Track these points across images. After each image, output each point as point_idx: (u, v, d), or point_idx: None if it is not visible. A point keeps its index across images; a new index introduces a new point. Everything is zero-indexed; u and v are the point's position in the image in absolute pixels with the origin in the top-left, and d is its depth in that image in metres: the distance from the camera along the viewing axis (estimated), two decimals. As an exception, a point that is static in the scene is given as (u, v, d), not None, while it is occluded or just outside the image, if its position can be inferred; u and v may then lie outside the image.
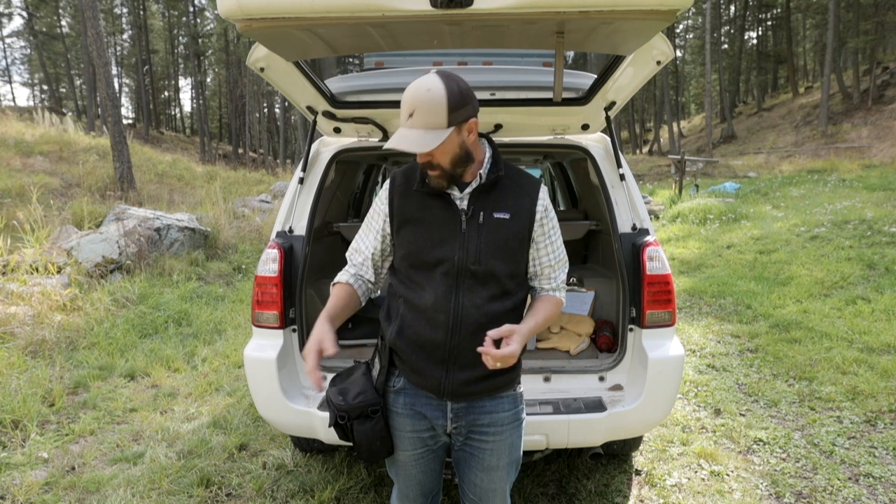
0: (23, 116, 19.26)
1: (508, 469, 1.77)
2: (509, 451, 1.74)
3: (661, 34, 2.02)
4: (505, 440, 1.72)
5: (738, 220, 11.52)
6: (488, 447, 1.72)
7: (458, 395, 1.65)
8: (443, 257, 1.61)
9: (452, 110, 1.49)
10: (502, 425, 1.71)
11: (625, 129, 52.16)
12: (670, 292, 2.61)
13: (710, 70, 35.14)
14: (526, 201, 1.66)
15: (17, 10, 50.23)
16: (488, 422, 1.70)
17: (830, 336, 5.14)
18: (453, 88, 1.49)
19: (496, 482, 1.76)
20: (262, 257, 2.71)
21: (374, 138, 3.12)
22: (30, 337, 4.95)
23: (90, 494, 3.00)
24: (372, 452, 1.69)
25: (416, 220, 1.65)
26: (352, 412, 1.65)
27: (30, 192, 7.76)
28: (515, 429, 1.75)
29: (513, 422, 1.73)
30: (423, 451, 1.75)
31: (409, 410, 1.71)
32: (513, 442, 1.75)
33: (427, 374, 1.64)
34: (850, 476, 3.08)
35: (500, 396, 1.71)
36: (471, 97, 1.54)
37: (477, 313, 1.61)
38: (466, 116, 1.53)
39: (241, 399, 4.14)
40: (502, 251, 1.62)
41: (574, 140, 3.09)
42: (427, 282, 1.63)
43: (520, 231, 1.65)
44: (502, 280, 1.63)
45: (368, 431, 1.66)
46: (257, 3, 1.57)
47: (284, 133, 42.08)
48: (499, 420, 1.71)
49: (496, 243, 1.62)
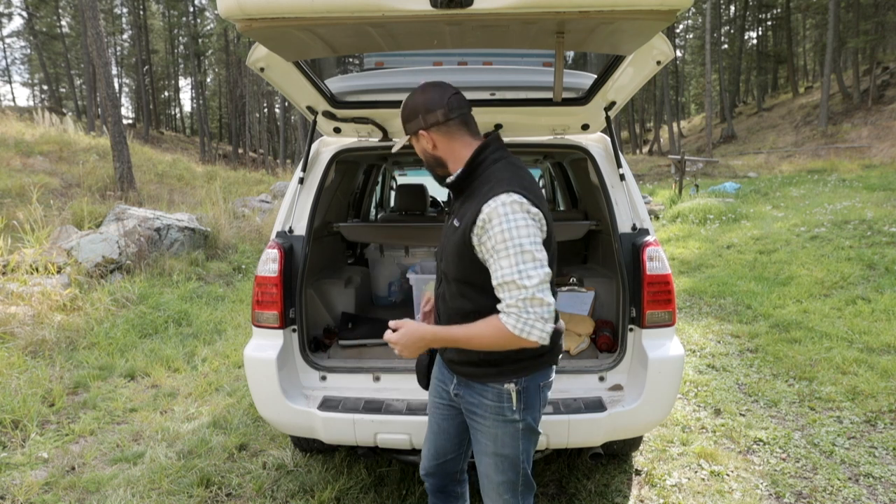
0: (23, 116, 19.27)
1: (498, 462, 1.83)
2: (494, 442, 1.82)
3: (661, 34, 2.02)
4: (489, 428, 1.81)
5: (738, 220, 11.51)
6: (477, 428, 1.86)
7: (449, 367, 1.91)
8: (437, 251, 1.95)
9: (404, 122, 1.80)
10: (485, 412, 1.81)
11: (625, 129, 52.16)
12: (670, 292, 2.61)
13: (710, 70, 35.13)
14: (473, 211, 1.66)
15: (17, 10, 50.25)
16: (476, 402, 1.83)
17: (830, 336, 5.14)
18: (408, 103, 1.78)
19: (485, 468, 1.87)
20: (262, 257, 2.71)
21: (374, 138, 3.12)
22: (30, 337, 4.95)
23: (90, 494, 3.00)
24: (418, 378, 2.09)
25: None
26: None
27: (30, 192, 7.76)
28: (501, 424, 1.79)
29: (497, 415, 1.79)
30: (440, 402, 2.00)
31: (440, 364, 2.01)
32: (497, 434, 1.81)
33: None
34: (850, 476, 3.08)
35: (486, 385, 1.79)
36: (419, 111, 1.75)
37: (444, 306, 1.86)
38: (416, 129, 1.77)
39: (241, 399, 4.14)
40: (451, 256, 1.77)
41: (574, 140, 3.09)
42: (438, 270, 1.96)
43: (461, 241, 1.69)
44: (453, 283, 1.79)
45: (420, 361, 2.07)
46: (257, 3, 1.57)
47: (284, 133, 42.06)
48: (482, 405, 1.81)
49: (447, 248, 1.80)
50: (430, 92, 1.75)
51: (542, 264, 1.58)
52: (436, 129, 1.75)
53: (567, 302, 3.53)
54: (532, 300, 1.54)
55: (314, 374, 2.78)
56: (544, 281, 1.57)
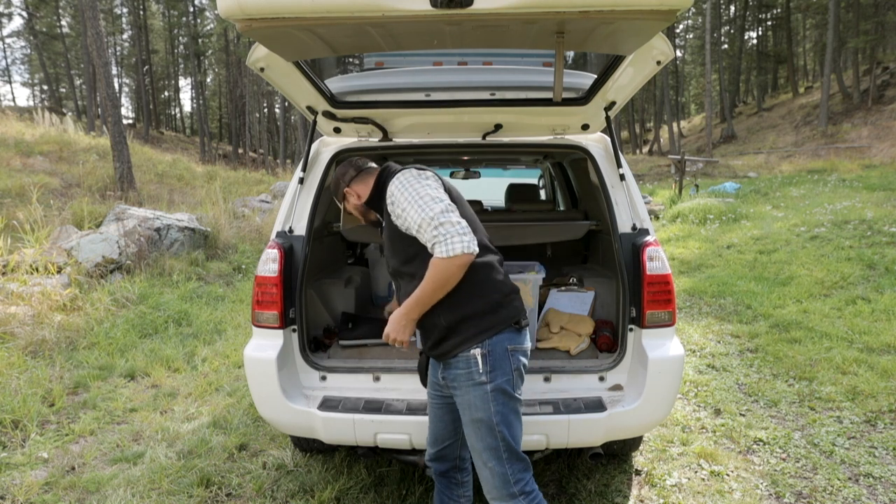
0: (23, 116, 19.27)
1: (476, 428, 1.94)
2: (469, 409, 1.94)
3: (661, 34, 2.02)
4: (463, 396, 1.96)
5: (738, 220, 11.51)
6: (458, 402, 2.00)
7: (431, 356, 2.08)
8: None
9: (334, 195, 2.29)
10: (460, 383, 1.96)
11: (625, 129, 52.13)
12: (670, 292, 2.61)
13: (710, 70, 35.13)
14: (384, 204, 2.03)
15: (17, 10, 50.14)
16: (453, 377, 1.99)
17: (830, 336, 5.14)
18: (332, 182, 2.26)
19: (469, 439, 1.99)
20: (262, 257, 2.71)
21: (374, 138, 3.12)
22: (30, 337, 4.96)
23: (90, 494, 3.00)
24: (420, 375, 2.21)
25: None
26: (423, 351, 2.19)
27: (30, 192, 7.77)
28: (472, 388, 1.93)
29: (467, 380, 1.94)
30: (436, 394, 2.16)
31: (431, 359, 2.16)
32: (470, 400, 1.94)
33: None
34: (850, 476, 3.08)
35: (457, 356, 1.95)
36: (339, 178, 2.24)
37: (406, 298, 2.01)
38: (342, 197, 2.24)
39: (241, 399, 4.14)
40: (389, 250, 2.04)
41: (574, 140, 3.09)
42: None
43: (389, 229, 2.02)
44: (402, 267, 2.02)
45: (419, 363, 2.21)
46: (257, 3, 1.57)
47: (284, 133, 42.06)
48: (454, 376, 1.98)
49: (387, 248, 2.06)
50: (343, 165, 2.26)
51: (441, 199, 1.87)
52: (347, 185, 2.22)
53: (567, 302, 3.53)
54: (441, 225, 1.81)
55: (314, 374, 2.78)
56: (446, 210, 1.84)
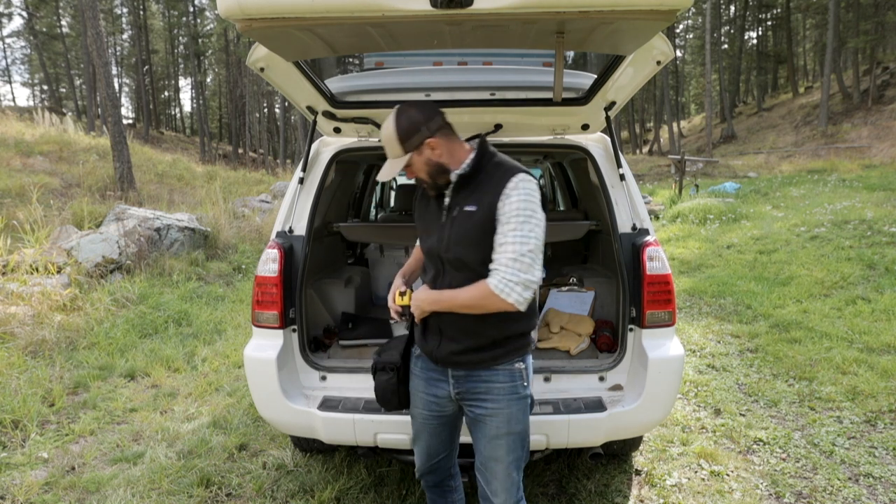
0: (23, 116, 19.27)
1: (510, 441, 1.91)
2: (508, 422, 1.90)
3: (660, 34, 2.02)
4: (503, 410, 1.89)
5: (738, 220, 11.51)
6: (489, 415, 1.91)
7: (448, 363, 1.93)
8: (430, 246, 1.94)
9: (403, 141, 1.81)
10: (498, 395, 1.89)
11: (625, 129, 52.14)
12: (670, 292, 2.61)
13: (710, 70, 35.14)
14: (491, 194, 1.81)
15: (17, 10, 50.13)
16: (485, 390, 1.90)
17: (830, 336, 5.14)
18: (402, 122, 1.81)
19: (497, 451, 1.92)
20: (262, 257, 2.71)
21: (374, 138, 3.12)
22: (30, 337, 4.96)
23: (90, 494, 3.00)
24: (384, 400, 2.10)
25: (421, 218, 2.04)
26: (377, 366, 2.10)
27: (30, 192, 7.77)
28: (514, 402, 1.90)
29: (510, 394, 1.90)
30: (432, 413, 2.04)
31: (423, 374, 2.04)
32: (512, 413, 1.90)
33: (426, 344, 1.98)
34: (849, 476, 3.08)
35: (496, 369, 1.89)
36: (421, 123, 1.81)
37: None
38: (420, 141, 1.82)
39: (241, 399, 4.14)
40: (467, 240, 1.83)
41: (574, 140, 3.09)
42: (427, 266, 2.01)
43: (483, 222, 1.80)
44: (472, 266, 1.82)
45: (383, 382, 2.08)
46: (257, 4, 1.57)
47: (284, 133, 42.06)
48: (494, 389, 1.90)
49: (460, 233, 1.84)
50: (416, 106, 1.86)
51: (539, 238, 1.75)
52: (440, 133, 1.84)
53: (567, 302, 3.53)
54: (519, 262, 1.70)
55: (314, 373, 2.78)
56: (536, 257, 1.72)
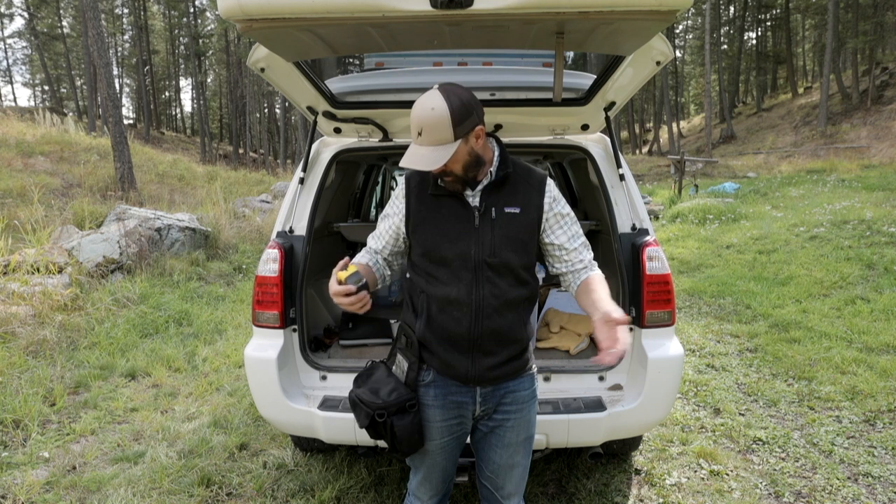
0: (24, 117, 19.24)
1: (527, 445, 1.88)
2: (527, 427, 1.86)
3: (660, 34, 2.02)
4: (524, 416, 1.84)
5: (738, 220, 11.52)
6: (510, 424, 1.82)
7: (484, 380, 1.75)
8: (460, 252, 1.70)
9: (457, 124, 1.58)
10: (522, 403, 1.83)
11: (624, 130, 52.14)
12: (670, 292, 2.61)
13: (709, 70, 35.13)
14: (534, 195, 1.77)
15: (18, 11, 50.18)
16: (511, 400, 1.82)
17: (830, 336, 5.15)
18: (455, 103, 1.57)
19: (515, 457, 1.86)
20: (263, 257, 2.72)
21: (374, 138, 3.13)
22: (31, 337, 4.96)
23: (91, 494, 3.01)
24: (411, 445, 1.77)
25: (431, 221, 1.75)
26: (390, 408, 1.72)
27: (31, 193, 7.78)
28: (532, 405, 1.88)
29: (531, 399, 1.86)
30: (450, 439, 1.84)
31: (439, 402, 1.78)
32: (530, 418, 1.87)
33: (455, 364, 1.73)
34: (849, 475, 3.09)
35: (522, 377, 1.83)
36: (473, 106, 1.62)
37: (496, 303, 1.71)
38: (472, 126, 1.62)
39: (241, 399, 4.15)
40: (515, 243, 1.72)
41: (574, 140, 3.10)
42: (448, 276, 1.71)
43: (529, 224, 1.75)
44: (517, 270, 1.73)
45: (408, 425, 1.74)
46: (258, 4, 1.57)
47: (285, 133, 42.05)
48: (519, 398, 1.83)
49: (509, 236, 1.72)
50: (462, 87, 1.63)
51: None
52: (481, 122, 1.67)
53: (567, 301, 3.53)
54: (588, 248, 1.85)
55: (314, 373, 2.79)
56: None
